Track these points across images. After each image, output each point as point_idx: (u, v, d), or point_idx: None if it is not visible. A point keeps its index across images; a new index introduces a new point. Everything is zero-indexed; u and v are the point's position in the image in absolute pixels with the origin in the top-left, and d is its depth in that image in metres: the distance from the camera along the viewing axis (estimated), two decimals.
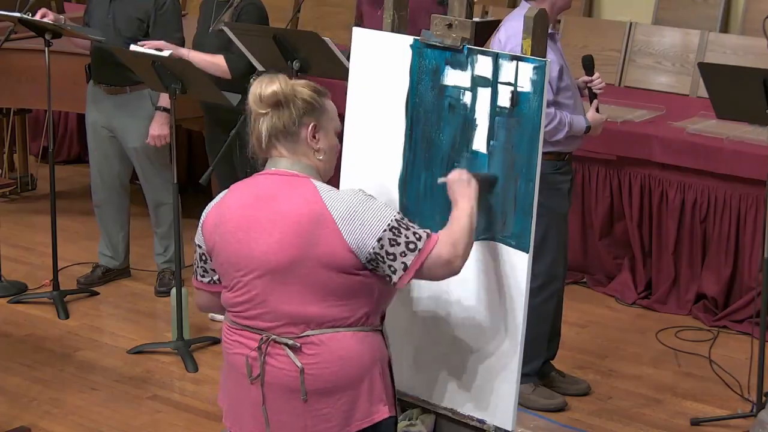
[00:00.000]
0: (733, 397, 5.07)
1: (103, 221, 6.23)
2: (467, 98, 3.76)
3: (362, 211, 3.10)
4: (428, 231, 3.18)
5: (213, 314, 5.80)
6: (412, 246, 3.11)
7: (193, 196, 7.14)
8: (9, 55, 6.51)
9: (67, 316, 5.80)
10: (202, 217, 3.29)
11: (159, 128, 5.86)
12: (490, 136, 3.72)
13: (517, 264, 3.69)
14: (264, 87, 3.15)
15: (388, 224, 3.10)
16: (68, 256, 6.34)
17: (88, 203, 6.33)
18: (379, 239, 3.08)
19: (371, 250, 3.08)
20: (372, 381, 3.17)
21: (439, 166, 3.86)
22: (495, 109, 3.71)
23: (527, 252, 3.68)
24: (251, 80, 5.04)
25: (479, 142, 3.75)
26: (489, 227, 3.74)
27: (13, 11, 5.95)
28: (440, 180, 3.56)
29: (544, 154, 4.48)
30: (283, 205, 3.11)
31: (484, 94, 3.72)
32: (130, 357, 5.40)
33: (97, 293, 6.10)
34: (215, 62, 5.41)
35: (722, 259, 5.79)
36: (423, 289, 3.91)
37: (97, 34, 5.77)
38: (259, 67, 5.11)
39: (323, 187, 3.14)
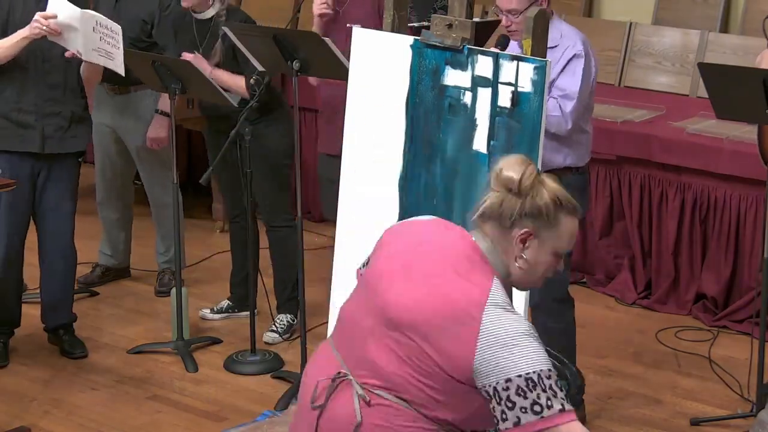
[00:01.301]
0: (733, 397, 5.07)
1: (105, 220, 6.24)
2: (467, 98, 3.77)
3: (514, 347, 2.75)
4: (568, 406, 2.77)
5: (204, 312, 5.81)
6: (537, 408, 2.73)
7: (193, 196, 7.14)
8: None
9: None
10: (399, 222, 3.12)
11: (156, 131, 5.87)
12: (491, 136, 3.73)
13: None
14: (506, 168, 2.88)
15: (532, 372, 2.73)
16: None
17: (90, 203, 6.33)
18: (507, 380, 2.74)
19: (494, 384, 2.75)
20: None
21: (439, 166, 3.86)
22: (495, 109, 3.71)
23: None
24: (251, 81, 5.10)
25: (479, 142, 3.75)
26: None
27: None
28: None
29: (580, 167, 4.49)
30: (448, 278, 2.84)
31: (484, 94, 3.73)
32: (130, 357, 5.40)
33: (97, 293, 6.10)
34: (237, 83, 5.33)
35: (722, 259, 5.79)
36: None
37: None
38: (260, 68, 5.10)
39: (497, 295, 2.82)
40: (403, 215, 3.95)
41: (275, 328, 5.56)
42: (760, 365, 4.75)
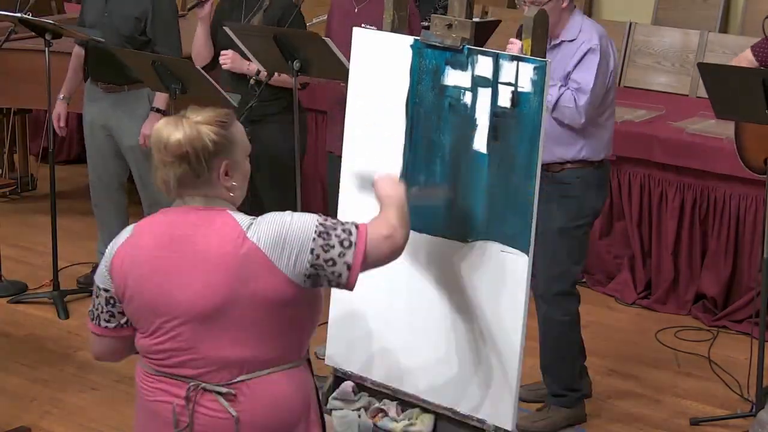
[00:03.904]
0: (733, 397, 5.07)
1: (102, 220, 6.23)
2: (467, 98, 3.77)
3: (286, 231, 2.87)
4: (354, 221, 2.98)
5: None
6: (346, 243, 2.90)
7: None
8: (9, 55, 6.50)
9: (67, 316, 5.80)
10: (105, 258, 3.00)
11: (151, 128, 5.85)
12: (491, 136, 3.73)
13: (518, 264, 3.70)
14: (168, 135, 2.88)
15: (315, 231, 2.89)
16: (68, 256, 6.34)
17: (88, 203, 6.32)
18: (312, 250, 2.86)
19: (308, 266, 2.87)
20: (308, 420, 3.00)
21: (439, 166, 3.86)
22: (495, 110, 3.71)
23: (527, 252, 3.68)
24: (250, 81, 5.11)
25: (479, 142, 3.75)
26: (489, 228, 3.74)
27: (13, 11, 5.95)
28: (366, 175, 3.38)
29: (596, 162, 4.56)
30: (203, 246, 2.87)
31: (484, 94, 3.73)
32: (130, 357, 5.38)
33: None
34: (284, 80, 5.29)
35: (722, 259, 5.79)
36: (424, 289, 3.92)
37: (97, 35, 5.76)
38: (261, 68, 5.10)
39: (242, 219, 2.90)
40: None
41: None
42: (760, 365, 4.75)
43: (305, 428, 2.99)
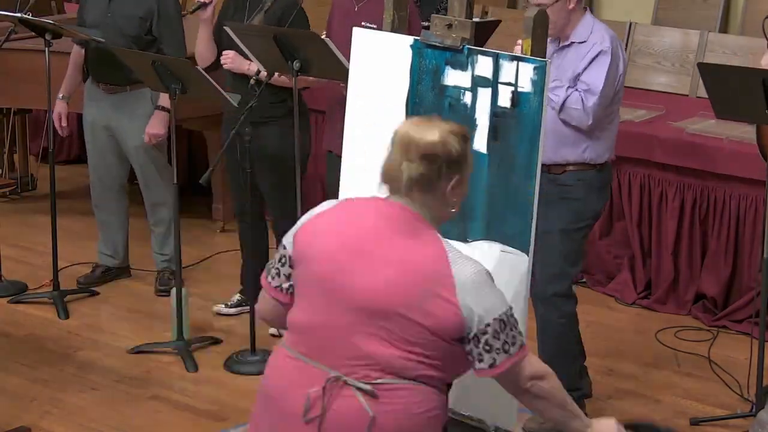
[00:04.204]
0: (733, 397, 5.07)
1: (102, 220, 6.23)
2: (467, 98, 3.77)
3: (486, 290, 2.94)
4: (523, 340, 3.03)
5: (219, 308, 5.83)
6: (506, 347, 2.96)
7: (193, 196, 7.14)
8: (9, 55, 6.50)
9: (67, 316, 5.80)
10: (302, 219, 3.09)
11: (156, 127, 5.85)
12: (491, 136, 3.73)
13: (518, 264, 3.69)
14: (422, 135, 2.98)
15: (501, 315, 2.94)
16: (68, 256, 6.34)
17: (88, 203, 6.33)
18: (487, 324, 2.92)
19: (476, 332, 2.92)
20: None
21: None
22: (495, 110, 3.71)
23: (527, 252, 3.68)
24: (250, 82, 5.11)
25: (479, 143, 3.75)
26: (489, 228, 3.74)
27: (13, 11, 5.95)
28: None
29: (599, 164, 4.59)
30: (402, 248, 2.93)
31: (484, 94, 3.73)
32: (130, 357, 5.40)
33: (97, 293, 6.10)
34: (284, 81, 5.27)
35: (722, 259, 5.79)
36: None
37: (97, 35, 5.77)
38: (261, 68, 5.10)
39: (449, 246, 2.97)
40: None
41: None
42: (760, 365, 4.75)
43: None
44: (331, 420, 2.92)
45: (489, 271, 2.98)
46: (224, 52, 5.42)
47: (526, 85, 3.64)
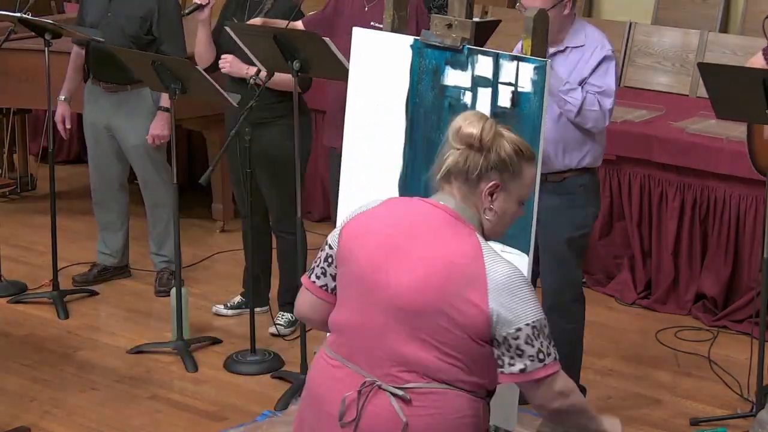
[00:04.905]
0: (733, 397, 5.07)
1: (102, 219, 6.23)
2: (468, 98, 3.77)
3: (519, 294, 2.86)
4: (557, 354, 2.93)
5: (218, 308, 5.82)
6: (541, 356, 2.87)
7: (193, 196, 7.14)
8: (9, 55, 6.50)
9: (66, 316, 5.79)
10: (345, 218, 3.06)
11: (160, 128, 5.85)
12: None
13: (518, 265, 3.69)
14: (466, 125, 2.93)
15: (533, 320, 2.85)
16: (68, 256, 6.34)
17: (88, 203, 6.33)
18: (518, 329, 2.84)
19: (504, 334, 2.85)
20: None
21: None
22: (495, 110, 3.71)
23: (527, 252, 3.68)
24: (249, 82, 5.10)
25: None
26: None
27: (13, 11, 5.95)
28: None
29: (592, 168, 4.65)
30: (439, 248, 2.88)
31: (484, 94, 3.73)
32: (130, 357, 5.40)
33: (96, 293, 6.10)
34: (286, 80, 5.24)
35: (722, 259, 5.79)
36: None
37: (97, 35, 5.77)
38: (261, 68, 5.10)
39: (486, 248, 2.89)
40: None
41: (279, 322, 5.58)
42: (760, 365, 4.75)
43: None
44: (365, 424, 2.91)
45: (524, 276, 2.92)
46: (222, 56, 5.42)
47: (526, 85, 3.64)
